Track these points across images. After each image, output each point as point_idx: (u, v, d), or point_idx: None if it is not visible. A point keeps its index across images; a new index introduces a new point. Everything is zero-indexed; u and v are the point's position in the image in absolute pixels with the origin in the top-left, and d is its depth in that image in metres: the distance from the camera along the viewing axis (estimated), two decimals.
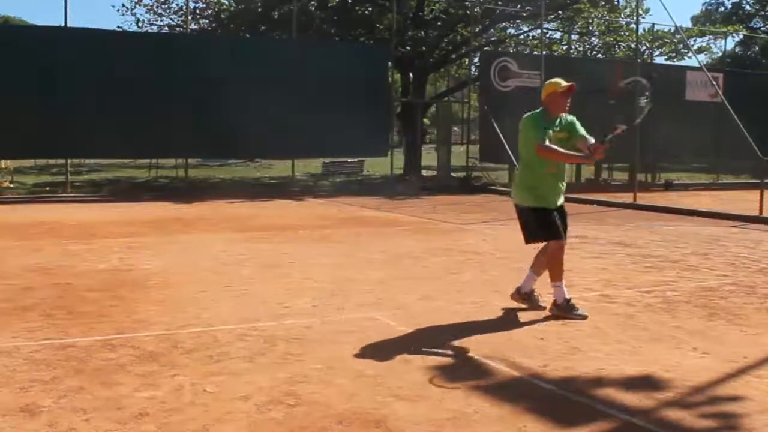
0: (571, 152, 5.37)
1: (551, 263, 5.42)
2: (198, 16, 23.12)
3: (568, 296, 5.38)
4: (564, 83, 5.36)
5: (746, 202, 14.05)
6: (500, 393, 3.72)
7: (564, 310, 5.30)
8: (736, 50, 37.06)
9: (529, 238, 5.50)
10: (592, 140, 5.33)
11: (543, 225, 5.38)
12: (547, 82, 5.55)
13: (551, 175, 5.41)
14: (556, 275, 5.39)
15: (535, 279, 5.57)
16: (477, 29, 22.50)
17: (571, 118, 5.48)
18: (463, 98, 25.28)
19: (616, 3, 25.31)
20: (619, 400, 3.67)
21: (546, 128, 5.27)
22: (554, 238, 5.37)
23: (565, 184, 5.56)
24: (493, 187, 18.82)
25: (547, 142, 5.22)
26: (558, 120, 5.40)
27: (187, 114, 16.05)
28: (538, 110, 5.45)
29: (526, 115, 5.45)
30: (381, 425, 3.30)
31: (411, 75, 23.40)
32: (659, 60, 27.05)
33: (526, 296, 5.55)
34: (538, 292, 5.59)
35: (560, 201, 5.50)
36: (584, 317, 5.25)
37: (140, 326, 4.92)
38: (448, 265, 7.55)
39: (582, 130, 5.44)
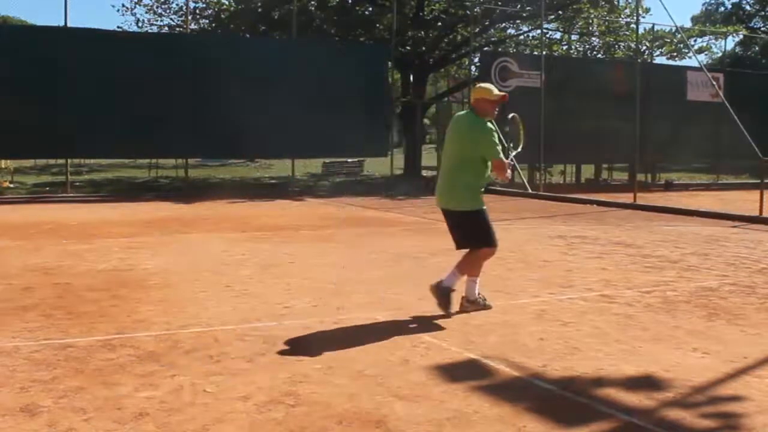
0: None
1: (477, 262, 5.41)
2: (198, 16, 23.11)
3: (454, 287, 5.37)
4: (496, 92, 5.32)
5: (746, 202, 14.06)
6: (500, 393, 3.72)
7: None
8: (736, 50, 37.06)
9: (492, 243, 5.38)
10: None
11: (490, 225, 5.42)
12: (481, 85, 5.49)
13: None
14: (468, 272, 5.40)
15: (475, 281, 5.48)
16: (477, 29, 22.50)
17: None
18: (463, 98, 25.28)
19: (616, 3, 25.29)
20: (619, 400, 3.66)
21: None
22: (496, 243, 5.43)
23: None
24: (493, 187, 18.80)
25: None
26: None
27: (187, 114, 16.05)
28: (473, 112, 5.37)
29: (483, 120, 5.30)
30: (381, 425, 3.30)
31: (411, 75, 23.40)
32: (659, 60, 27.08)
33: (475, 302, 5.44)
34: (481, 294, 5.52)
35: None
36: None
37: (140, 326, 4.92)
38: (449, 265, 7.49)
39: None
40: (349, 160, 25.50)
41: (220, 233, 9.82)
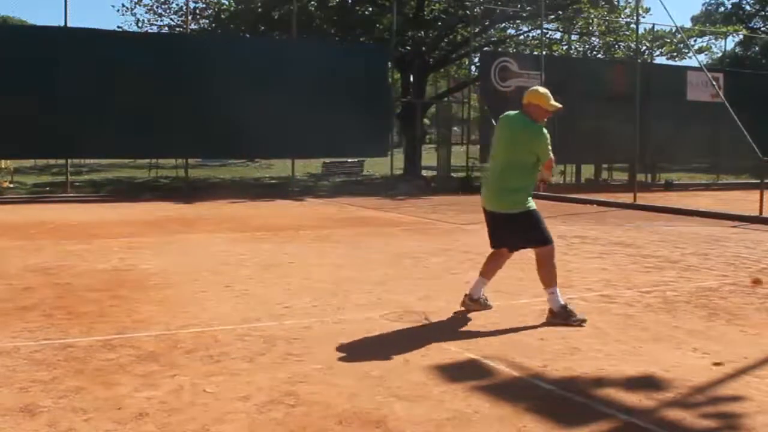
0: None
1: (549, 268, 5.22)
2: (198, 16, 23.14)
3: (563, 302, 5.19)
4: (552, 102, 5.25)
5: (746, 202, 14.06)
6: (500, 393, 3.72)
7: (563, 318, 5.11)
8: (736, 50, 37.05)
9: (547, 240, 5.26)
10: None
11: (542, 224, 5.33)
12: (538, 90, 5.33)
13: None
14: (553, 280, 5.22)
15: (486, 283, 5.48)
16: (477, 29, 22.49)
17: None
18: (463, 98, 25.30)
19: (616, 3, 25.29)
20: (619, 400, 3.66)
21: None
22: (551, 240, 5.30)
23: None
24: None
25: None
26: None
27: (187, 114, 16.05)
28: (524, 114, 5.27)
29: (539, 125, 5.23)
30: (381, 425, 3.30)
31: (411, 75, 23.40)
32: (659, 60, 27.08)
33: (477, 301, 5.44)
34: (485, 294, 5.51)
35: None
36: (584, 321, 5.09)
37: (140, 326, 4.92)
38: (449, 265, 7.54)
39: None
40: (349, 160, 25.50)
41: (220, 233, 9.82)
